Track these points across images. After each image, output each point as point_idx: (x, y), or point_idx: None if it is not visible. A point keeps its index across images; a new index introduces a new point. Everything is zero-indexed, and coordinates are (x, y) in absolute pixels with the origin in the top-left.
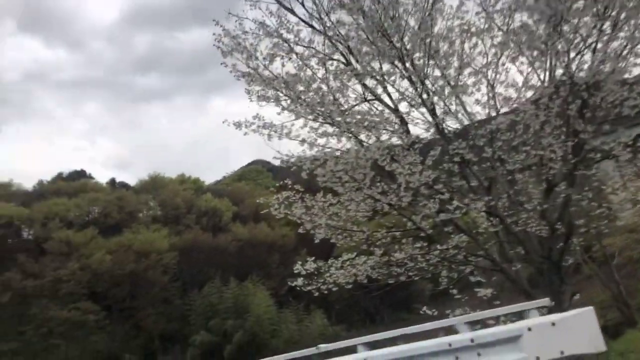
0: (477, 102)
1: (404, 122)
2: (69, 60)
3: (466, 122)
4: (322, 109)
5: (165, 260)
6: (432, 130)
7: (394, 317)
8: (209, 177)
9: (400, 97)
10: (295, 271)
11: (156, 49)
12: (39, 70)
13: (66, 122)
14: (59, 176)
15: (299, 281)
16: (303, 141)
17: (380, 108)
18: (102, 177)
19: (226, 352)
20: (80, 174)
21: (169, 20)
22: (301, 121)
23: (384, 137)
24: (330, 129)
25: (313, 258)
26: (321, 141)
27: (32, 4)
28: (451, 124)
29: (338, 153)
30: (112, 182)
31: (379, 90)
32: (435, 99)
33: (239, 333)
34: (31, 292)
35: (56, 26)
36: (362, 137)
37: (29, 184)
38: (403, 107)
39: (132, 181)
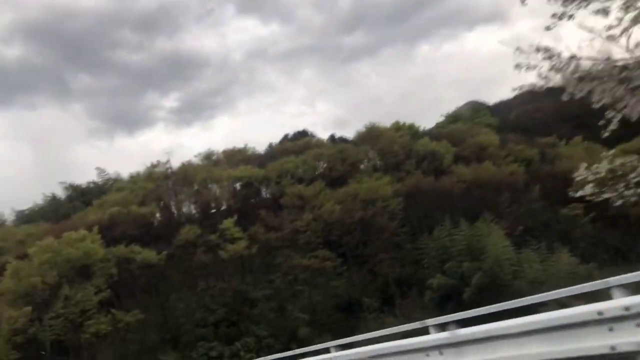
0: None
1: None
2: (282, 33)
3: None
4: None
5: (391, 207)
6: None
7: None
8: (424, 122)
9: None
10: (578, 178)
11: (358, 6)
12: (258, 47)
13: (287, 90)
14: (285, 138)
15: (587, 189)
16: None
17: None
18: (322, 137)
19: (466, 294)
20: (303, 134)
21: None
22: None
23: None
24: None
25: (611, 153)
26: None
27: None
28: None
29: None
30: (332, 137)
31: None
32: None
33: (477, 275)
34: (274, 243)
35: (268, 3)
36: None
37: (261, 148)
38: None
39: (350, 136)
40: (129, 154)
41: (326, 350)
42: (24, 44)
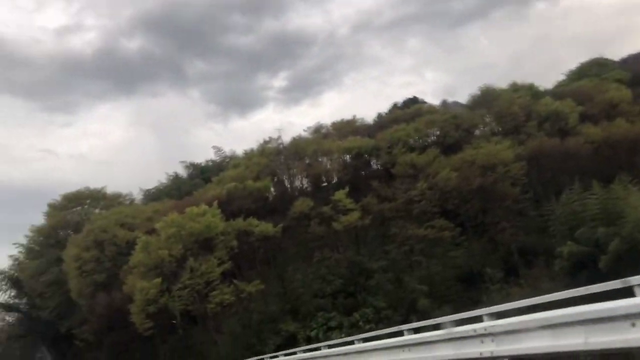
0: None
1: None
2: (387, 3)
3: None
4: None
5: (513, 172)
6: None
7: None
8: (543, 82)
9: None
10: None
11: None
12: (363, 20)
13: (393, 61)
14: (395, 106)
15: None
16: None
17: None
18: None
19: (602, 263)
20: (413, 101)
21: None
22: None
23: None
24: None
25: None
26: None
27: None
28: None
29: None
30: (444, 103)
31: None
32: None
33: (615, 241)
34: (388, 214)
35: None
36: None
37: (369, 119)
38: None
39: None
40: (243, 135)
41: (478, 319)
42: (144, 36)
